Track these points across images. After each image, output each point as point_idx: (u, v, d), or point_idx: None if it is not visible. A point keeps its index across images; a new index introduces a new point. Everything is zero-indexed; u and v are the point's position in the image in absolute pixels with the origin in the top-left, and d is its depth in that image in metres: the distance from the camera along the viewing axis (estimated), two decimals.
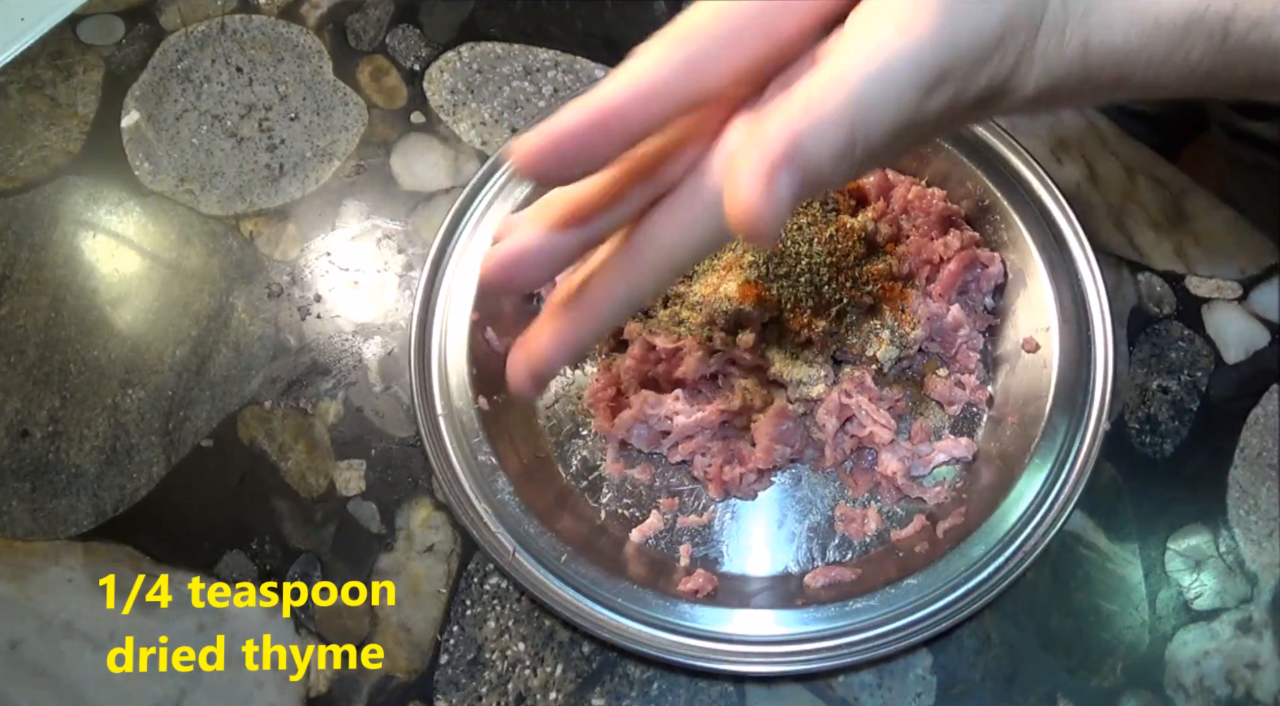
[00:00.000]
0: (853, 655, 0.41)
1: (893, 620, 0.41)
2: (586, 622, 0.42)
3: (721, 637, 0.42)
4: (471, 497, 0.44)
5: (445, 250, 0.50)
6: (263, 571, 0.47)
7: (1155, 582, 0.45)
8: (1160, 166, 0.54)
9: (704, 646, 0.41)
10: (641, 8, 0.60)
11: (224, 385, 0.51)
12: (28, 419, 0.50)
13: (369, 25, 0.60)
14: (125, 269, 0.54)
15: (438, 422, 0.46)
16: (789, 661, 0.41)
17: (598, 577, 0.42)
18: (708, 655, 0.41)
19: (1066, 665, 0.44)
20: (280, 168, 0.56)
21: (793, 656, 0.41)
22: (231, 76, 0.59)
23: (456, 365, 0.47)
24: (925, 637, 0.41)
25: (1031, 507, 0.43)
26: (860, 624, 0.42)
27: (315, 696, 0.45)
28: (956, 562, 0.42)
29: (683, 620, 0.42)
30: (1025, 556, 0.42)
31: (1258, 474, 0.47)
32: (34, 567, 0.47)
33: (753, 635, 0.42)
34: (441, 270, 0.49)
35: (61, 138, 0.57)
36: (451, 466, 0.45)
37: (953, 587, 0.42)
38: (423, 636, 0.46)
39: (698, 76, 0.26)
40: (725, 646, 0.41)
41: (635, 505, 0.47)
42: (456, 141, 0.57)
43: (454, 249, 0.50)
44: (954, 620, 0.41)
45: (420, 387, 0.47)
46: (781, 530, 0.46)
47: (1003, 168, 0.49)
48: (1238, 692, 0.44)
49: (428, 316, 0.48)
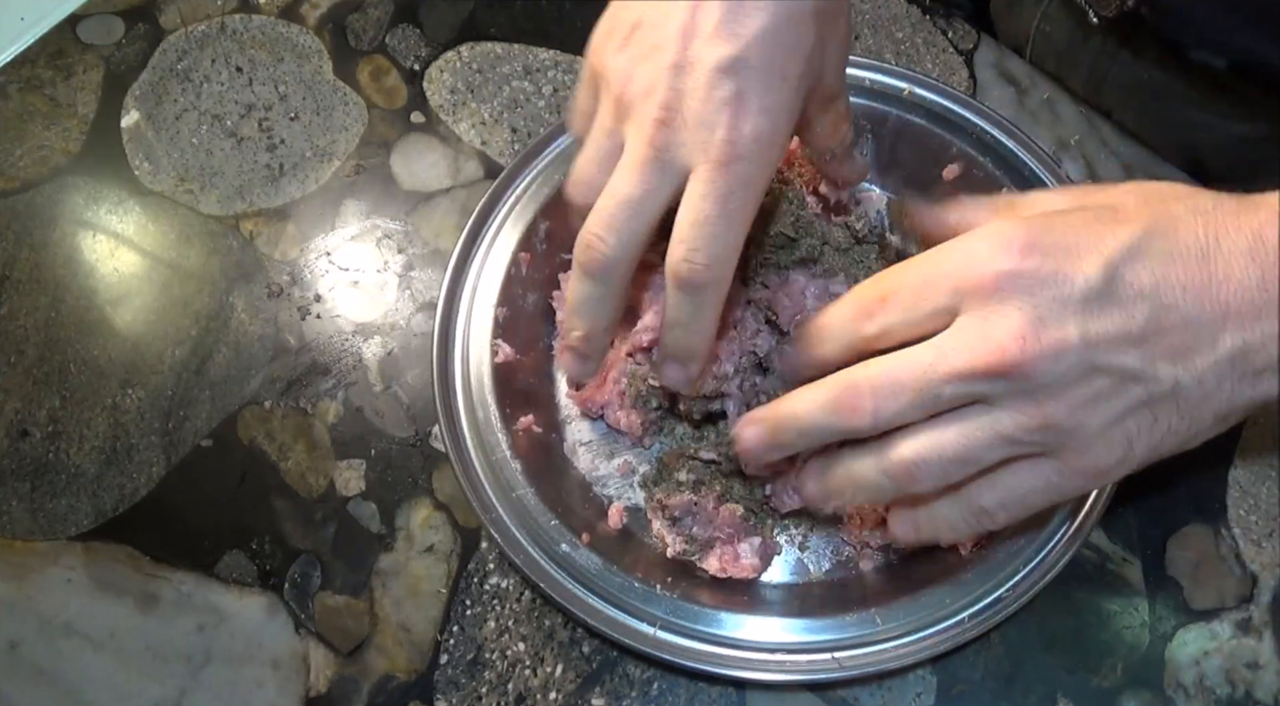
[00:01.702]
0: (858, 668, 0.41)
1: (901, 636, 0.41)
2: (594, 621, 0.41)
3: (728, 642, 0.41)
4: (490, 494, 0.44)
5: (473, 244, 0.49)
6: (263, 571, 0.47)
7: (1155, 582, 0.45)
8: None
9: (709, 651, 0.41)
10: None
11: (224, 385, 0.51)
12: (28, 419, 0.50)
13: (369, 25, 0.60)
14: (125, 269, 0.54)
15: (461, 430, 0.45)
16: (792, 671, 0.41)
17: (601, 571, 0.42)
18: (713, 660, 0.41)
19: (1066, 665, 0.44)
20: (280, 167, 0.56)
21: (797, 667, 0.41)
22: (231, 76, 0.59)
23: (477, 372, 0.47)
24: (933, 655, 0.40)
25: (1055, 525, 0.42)
26: (865, 637, 0.41)
27: (315, 696, 0.45)
28: (971, 581, 0.41)
29: (692, 622, 0.42)
30: (1042, 576, 0.41)
31: (1258, 474, 0.47)
32: (34, 567, 0.47)
33: (759, 641, 0.41)
34: (468, 266, 0.48)
35: (61, 137, 0.57)
36: (471, 463, 0.45)
37: (966, 606, 0.41)
38: (423, 636, 0.46)
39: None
40: (730, 652, 0.41)
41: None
42: (456, 141, 0.57)
43: (480, 247, 0.49)
44: (964, 639, 0.40)
45: (441, 379, 0.46)
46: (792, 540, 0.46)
47: (1020, 170, 0.49)
48: (1238, 692, 0.44)
49: (451, 310, 0.48)
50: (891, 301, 0.35)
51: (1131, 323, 0.32)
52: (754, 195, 0.35)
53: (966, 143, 0.50)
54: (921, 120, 0.51)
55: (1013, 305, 0.32)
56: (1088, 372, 0.32)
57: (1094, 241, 0.32)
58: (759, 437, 0.38)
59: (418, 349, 0.51)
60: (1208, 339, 0.32)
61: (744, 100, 0.34)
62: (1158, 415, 0.33)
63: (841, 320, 0.37)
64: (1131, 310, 0.32)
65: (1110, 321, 0.32)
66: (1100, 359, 0.32)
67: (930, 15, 0.59)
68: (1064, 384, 0.32)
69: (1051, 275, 0.32)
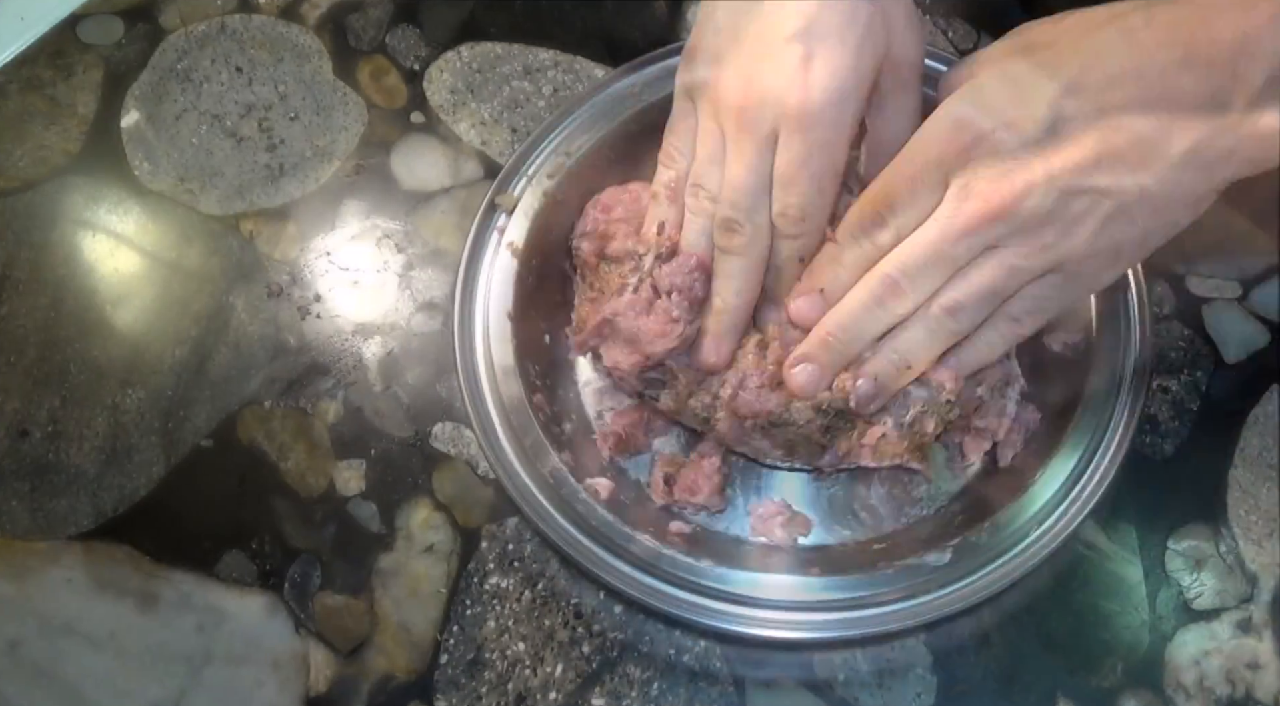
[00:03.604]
0: (846, 628, 0.42)
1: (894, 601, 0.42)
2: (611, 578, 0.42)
3: (705, 591, 0.42)
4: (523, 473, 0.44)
5: (483, 236, 0.49)
6: (263, 571, 0.47)
7: (1155, 582, 0.45)
8: None
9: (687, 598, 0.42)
10: (641, 8, 0.60)
11: (224, 385, 0.51)
12: (27, 419, 0.50)
13: (369, 25, 0.60)
14: (125, 269, 0.54)
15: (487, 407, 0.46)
16: (771, 627, 0.42)
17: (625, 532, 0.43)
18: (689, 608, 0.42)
19: (1066, 665, 0.44)
20: (280, 167, 0.56)
21: (782, 623, 0.42)
22: (231, 76, 0.59)
23: (501, 355, 0.47)
24: (923, 623, 0.41)
25: (1051, 502, 0.43)
26: (858, 598, 0.42)
27: (315, 696, 0.45)
28: (966, 554, 0.42)
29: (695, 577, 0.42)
30: (1034, 555, 0.42)
31: (1258, 474, 0.47)
32: (34, 567, 0.47)
33: (744, 595, 0.42)
34: (480, 255, 0.49)
35: (61, 137, 0.57)
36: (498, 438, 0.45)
37: (955, 579, 0.42)
38: (423, 636, 0.46)
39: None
40: (705, 601, 0.42)
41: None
42: (456, 141, 0.57)
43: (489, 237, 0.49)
44: (952, 610, 0.41)
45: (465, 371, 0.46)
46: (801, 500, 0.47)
47: None
48: (1238, 692, 0.44)
49: (469, 294, 0.48)
50: (895, 202, 0.40)
51: (1085, 149, 0.37)
52: (832, 153, 0.40)
53: None
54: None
55: (984, 163, 0.38)
56: (1062, 199, 0.37)
57: (1038, 87, 0.37)
58: (811, 373, 0.43)
59: (418, 349, 0.51)
60: (1159, 146, 0.36)
61: (812, 63, 0.39)
62: (1134, 218, 0.38)
63: (854, 245, 0.41)
64: (1082, 139, 0.37)
65: (1066, 153, 0.37)
66: (1068, 184, 0.37)
67: (930, 15, 0.59)
68: (1046, 213, 0.37)
69: (1007, 128, 0.37)
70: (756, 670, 0.44)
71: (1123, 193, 0.37)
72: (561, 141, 0.50)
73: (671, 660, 0.45)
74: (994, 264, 0.39)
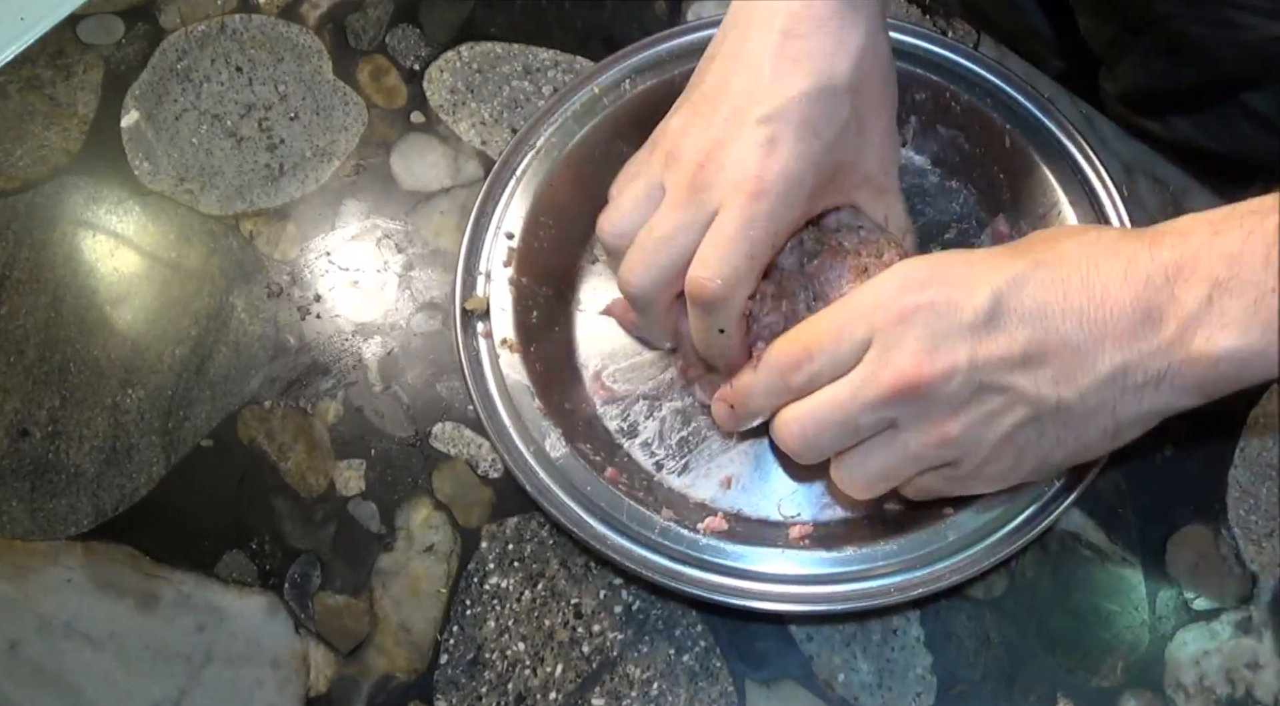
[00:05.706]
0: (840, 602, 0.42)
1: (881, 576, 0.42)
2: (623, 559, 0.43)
3: (690, 560, 0.43)
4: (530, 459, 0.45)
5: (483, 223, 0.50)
6: (263, 571, 0.47)
7: (1155, 582, 0.45)
8: (1160, 166, 0.54)
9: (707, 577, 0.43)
10: (641, 7, 0.60)
11: (224, 385, 0.51)
12: (27, 419, 0.50)
13: (369, 25, 0.60)
14: (125, 269, 0.54)
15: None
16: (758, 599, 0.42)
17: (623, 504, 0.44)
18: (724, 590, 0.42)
19: (1066, 665, 0.44)
20: (280, 167, 0.56)
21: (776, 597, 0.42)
22: (231, 76, 0.59)
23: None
24: (910, 599, 0.42)
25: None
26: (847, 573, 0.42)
27: (315, 696, 0.45)
28: (948, 532, 0.43)
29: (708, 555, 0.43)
30: (1019, 536, 0.42)
31: (1258, 474, 0.47)
32: (34, 567, 0.47)
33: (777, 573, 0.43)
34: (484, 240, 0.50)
35: (61, 137, 0.57)
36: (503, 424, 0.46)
37: (943, 554, 0.42)
38: (423, 636, 0.46)
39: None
40: (692, 571, 0.43)
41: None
42: (456, 141, 0.57)
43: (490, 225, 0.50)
44: (940, 586, 0.42)
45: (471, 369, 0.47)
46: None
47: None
48: (1238, 692, 0.44)
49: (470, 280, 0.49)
50: (814, 350, 0.39)
51: (1015, 345, 0.35)
52: (776, 229, 0.39)
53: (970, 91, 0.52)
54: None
55: (913, 334, 0.36)
56: (978, 392, 0.36)
57: (987, 274, 0.36)
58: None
59: (418, 349, 0.51)
60: (1088, 359, 0.35)
61: (776, 145, 0.38)
62: (1044, 430, 0.37)
63: (769, 379, 0.41)
64: (1015, 334, 0.35)
65: (996, 345, 0.36)
66: (988, 378, 0.36)
67: (930, 15, 0.59)
68: (958, 403, 0.36)
69: (946, 305, 0.36)
70: (757, 669, 0.44)
71: (1042, 401, 0.36)
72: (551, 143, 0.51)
73: (671, 660, 0.45)
74: (894, 448, 0.38)
